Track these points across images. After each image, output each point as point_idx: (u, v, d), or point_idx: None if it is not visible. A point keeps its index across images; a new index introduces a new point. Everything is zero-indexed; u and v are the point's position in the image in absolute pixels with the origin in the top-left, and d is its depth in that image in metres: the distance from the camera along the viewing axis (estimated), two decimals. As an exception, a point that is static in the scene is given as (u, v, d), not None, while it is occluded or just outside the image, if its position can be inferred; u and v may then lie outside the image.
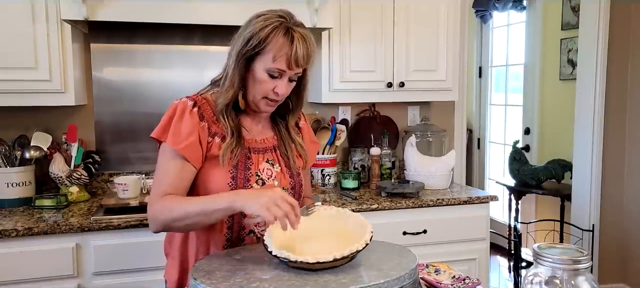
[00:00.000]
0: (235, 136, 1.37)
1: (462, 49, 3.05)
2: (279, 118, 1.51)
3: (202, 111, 1.38)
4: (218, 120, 1.39)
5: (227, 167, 1.36)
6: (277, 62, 1.31)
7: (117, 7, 2.16)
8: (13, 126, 2.48)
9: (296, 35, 1.31)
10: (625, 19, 3.35)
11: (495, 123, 5.12)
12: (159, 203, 1.32)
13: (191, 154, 1.34)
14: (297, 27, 1.33)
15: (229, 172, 1.36)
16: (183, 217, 1.29)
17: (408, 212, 2.43)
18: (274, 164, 1.45)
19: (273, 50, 1.31)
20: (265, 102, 1.38)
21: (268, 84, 1.34)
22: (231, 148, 1.35)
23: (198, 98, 1.40)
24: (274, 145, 1.48)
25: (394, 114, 3.08)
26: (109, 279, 2.08)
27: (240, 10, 2.29)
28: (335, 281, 1.07)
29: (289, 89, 1.39)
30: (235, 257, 1.27)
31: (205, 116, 1.38)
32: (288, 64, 1.32)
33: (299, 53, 1.31)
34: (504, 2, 4.50)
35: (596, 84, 3.37)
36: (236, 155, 1.36)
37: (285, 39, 1.31)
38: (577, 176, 3.57)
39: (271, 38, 1.30)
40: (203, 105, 1.39)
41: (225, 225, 1.39)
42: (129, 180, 2.25)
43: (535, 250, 1.13)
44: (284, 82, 1.35)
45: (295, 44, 1.30)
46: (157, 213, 1.32)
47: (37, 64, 2.20)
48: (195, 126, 1.35)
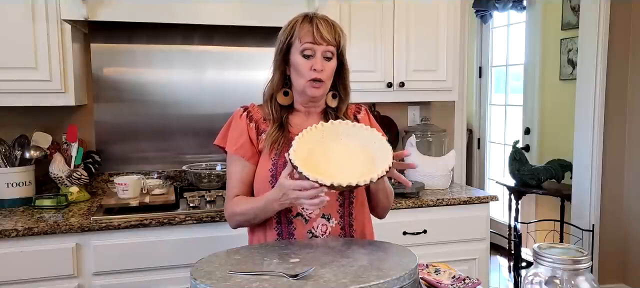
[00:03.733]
0: (277, 125, 1.50)
1: (462, 49, 3.05)
2: (330, 113, 1.57)
3: (251, 114, 1.55)
4: (266, 119, 1.53)
5: (270, 155, 1.48)
6: (304, 41, 1.45)
7: (117, 7, 2.16)
8: (13, 126, 2.48)
9: (317, 18, 1.47)
10: (625, 19, 3.35)
11: (495, 123, 5.12)
12: (229, 204, 1.53)
13: (245, 153, 1.51)
14: (319, 16, 1.49)
15: (270, 160, 1.48)
16: (245, 212, 1.49)
17: (408, 212, 2.43)
18: None
19: (299, 34, 1.46)
20: (310, 84, 1.47)
21: (305, 65, 1.46)
22: (273, 137, 1.48)
23: (250, 105, 1.58)
24: None
25: (394, 114, 3.08)
26: (109, 279, 2.08)
27: (240, 10, 2.30)
28: (335, 281, 1.07)
29: (328, 67, 1.47)
30: (235, 257, 1.27)
31: (254, 118, 1.54)
32: (314, 40, 1.44)
33: (321, 29, 1.44)
34: (504, 2, 4.50)
35: (596, 84, 3.37)
36: (279, 144, 1.47)
37: (307, 23, 1.46)
38: (577, 176, 3.57)
39: (296, 27, 1.47)
40: (253, 110, 1.56)
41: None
42: (129, 180, 2.25)
43: (535, 250, 1.13)
44: (318, 59, 1.45)
45: (315, 22, 1.45)
46: (229, 214, 1.54)
47: (37, 64, 2.20)
48: (244, 128, 1.53)
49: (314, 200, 1.29)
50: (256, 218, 1.49)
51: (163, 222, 2.10)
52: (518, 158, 3.92)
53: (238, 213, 1.51)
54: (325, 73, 1.47)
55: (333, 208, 1.49)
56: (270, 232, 1.51)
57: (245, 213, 1.49)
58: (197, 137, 2.73)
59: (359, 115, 1.64)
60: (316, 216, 1.48)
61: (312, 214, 1.48)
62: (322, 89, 1.49)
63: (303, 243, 1.41)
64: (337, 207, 1.50)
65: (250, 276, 1.11)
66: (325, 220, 1.49)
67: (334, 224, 1.49)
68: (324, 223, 1.49)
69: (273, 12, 2.24)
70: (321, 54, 1.46)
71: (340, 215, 1.50)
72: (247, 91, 2.64)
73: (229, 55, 2.73)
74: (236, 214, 1.51)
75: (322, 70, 1.45)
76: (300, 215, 1.48)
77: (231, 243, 1.53)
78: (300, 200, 1.32)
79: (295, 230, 1.48)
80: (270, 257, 1.26)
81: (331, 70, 1.49)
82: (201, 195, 2.36)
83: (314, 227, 1.48)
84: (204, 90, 2.71)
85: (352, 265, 1.17)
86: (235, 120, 1.55)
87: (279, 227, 1.49)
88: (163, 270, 2.12)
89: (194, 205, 2.22)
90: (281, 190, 1.35)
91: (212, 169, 2.64)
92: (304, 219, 1.48)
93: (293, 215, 1.48)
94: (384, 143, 1.37)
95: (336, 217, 1.50)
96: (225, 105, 2.69)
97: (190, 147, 2.73)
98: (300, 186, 1.29)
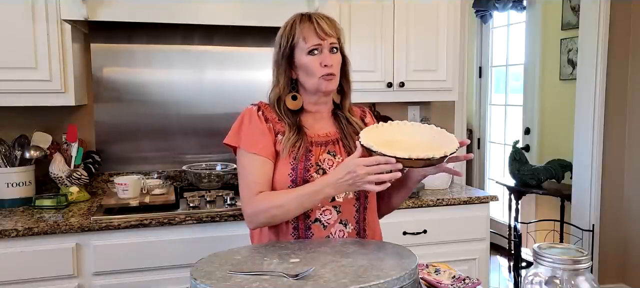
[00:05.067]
0: (295, 130, 1.49)
1: (462, 49, 3.05)
2: (340, 114, 1.58)
3: (266, 114, 1.52)
4: (280, 119, 1.51)
5: (288, 159, 1.46)
6: (309, 39, 1.45)
7: (117, 7, 2.16)
8: (13, 126, 2.48)
9: (314, 15, 1.48)
10: (625, 19, 3.35)
11: (495, 123, 5.12)
12: (256, 200, 1.45)
13: (268, 152, 1.48)
14: (315, 14, 1.50)
15: (289, 164, 1.46)
16: (282, 204, 1.42)
17: (408, 212, 2.43)
18: (335, 155, 1.51)
19: (301, 34, 1.46)
20: (323, 80, 1.47)
21: (315, 61, 1.46)
22: (291, 141, 1.47)
23: (261, 103, 1.55)
24: (337, 138, 1.54)
25: (394, 114, 3.07)
26: (109, 279, 2.08)
27: (240, 10, 2.30)
28: (335, 281, 1.07)
29: (336, 60, 1.48)
30: (235, 257, 1.27)
31: (268, 118, 1.51)
32: (318, 35, 1.45)
33: (322, 24, 1.45)
34: (504, 2, 4.50)
35: (596, 84, 3.37)
36: (298, 148, 1.46)
37: (306, 22, 1.47)
38: (577, 176, 3.57)
39: (296, 28, 1.47)
40: (265, 109, 1.54)
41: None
42: (129, 180, 2.25)
43: (535, 250, 1.13)
44: (326, 53, 1.46)
45: (314, 18, 1.47)
46: (256, 210, 1.45)
47: (37, 64, 2.20)
48: (263, 126, 1.50)
49: (385, 176, 1.28)
50: (297, 210, 1.43)
51: (163, 222, 2.10)
52: (518, 159, 3.92)
53: (276, 205, 1.42)
54: (335, 66, 1.48)
55: (350, 214, 1.50)
56: (287, 237, 1.49)
57: (284, 205, 1.41)
58: (197, 137, 2.73)
59: (366, 119, 1.65)
60: (334, 222, 1.48)
61: (330, 220, 1.47)
62: (335, 82, 1.50)
63: (303, 243, 1.41)
64: (354, 212, 1.51)
65: (250, 276, 1.11)
66: (342, 225, 1.49)
67: (350, 230, 1.50)
68: (341, 229, 1.49)
69: (273, 12, 2.24)
70: (327, 48, 1.47)
71: (356, 221, 1.51)
72: (247, 91, 2.65)
73: (229, 55, 2.73)
74: (272, 207, 1.42)
75: (332, 64, 1.47)
76: (318, 221, 1.47)
77: (231, 243, 1.54)
78: (368, 177, 1.29)
79: (313, 236, 1.47)
80: (270, 257, 1.26)
81: (338, 63, 1.50)
82: (201, 195, 2.35)
83: (332, 232, 1.48)
84: (204, 90, 2.71)
85: (352, 265, 1.17)
86: (254, 120, 1.51)
87: (296, 232, 1.48)
88: (163, 270, 2.12)
89: (194, 205, 2.22)
90: (346, 168, 1.32)
91: (212, 169, 2.64)
92: (323, 225, 1.48)
93: (311, 221, 1.47)
94: (445, 132, 1.40)
95: (353, 223, 1.50)
96: (225, 105, 2.69)
97: (190, 147, 2.73)
98: (374, 161, 1.28)
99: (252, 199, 1.46)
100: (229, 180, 2.59)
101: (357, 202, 1.51)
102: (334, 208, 1.48)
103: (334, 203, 1.48)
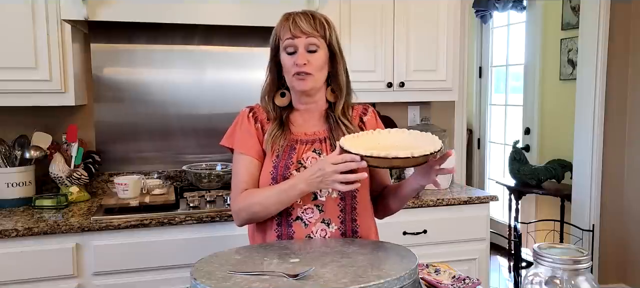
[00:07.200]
0: (277, 124, 1.52)
1: (462, 49, 3.05)
2: (331, 114, 1.57)
3: (257, 115, 1.56)
4: (269, 120, 1.54)
5: (272, 157, 1.49)
6: (284, 36, 1.47)
7: (117, 7, 2.16)
8: (13, 126, 2.48)
9: (295, 14, 1.48)
10: (625, 19, 3.35)
11: (495, 123, 5.12)
12: (240, 198, 1.49)
13: (254, 152, 1.52)
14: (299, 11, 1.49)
15: (272, 162, 1.49)
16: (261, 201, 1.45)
17: (408, 212, 2.43)
18: (321, 153, 1.50)
19: (280, 33, 1.49)
20: (295, 78, 1.48)
21: (289, 60, 1.47)
22: (273, 135, 1.49)
23: (255, 105, 1.59)
24: (325, 137, 1.54)
25: (394, 114, 3.07)
26: (109, 279, 2.08)
27: (240, 10, 2.30)
28: (335, 281, 1.07)
29: (313, 59, 1.46)
30: (235, 257, 1.27)
31: (259, 118, 1.55)
32: (292, 33, 1.45)
33: (299, 23, 1.45)
34: (504, 2, 4.50)
35: (596, 84, 3.37)
36: (280, 144, 1.49)
37: (285, 20, 1.49)
38: (577, 176, 3.57)
39: (278, 27, 1.50)
40: (258, 110, 1.57)
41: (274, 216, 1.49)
42: (129, 180, 2.25)
43: (535, 250, 1.13)
44: (300, 52, 1.46)
45: (293, 18, 1.47)
46: (240, 207, 1.48)
47: (37, 64, 2.20)
48: (251, 127, 1.54)
49: (351, 176, 1.29)
50: (276, 206, 1.44)
51: (163, 222, 2.10)
52: (518, 159, 3.92)
53: (255, 202, 1.45)
54: (311, 65, 1.46)
55: (333, 213, 1.48)
56: (271, 233, 1.50)
57: (262, 202, 1.44)
58: (197, 137, 2.73)
59: (366, 117, 1.64)
60: (315, 221, 1.47)
61: (312, 219, 1.47)
62: (309, 82, 1.47)
63: (303, 243, 1.41)
64: (338, 212, 1.49)
65: (250, 276, 1.11)
66: (325, 225, 1.48)
67: (334, 229, 1.48)
68: (324, 228, 1.48)
69: (273, 12, 2.20)
70: (304, 47, 1.45)
71: (340, 221, 1.49)
72: (247, 91, 2.64)
73: (229, 55, 2.73)
74: (253, 204, 1.45)
75: (305, 63, 1.45)
76: (299, 219, 1.47)
77: (231, 243, 1.53)
78: (335, 176, 1.30)
79: (294, 234, 1.47)
80: (270, 257, 1.26)
81: (318, 62, 1.47)
82: (201, 195, 2.35)
83: (314, 231, 1.47)
84: (204, 90, 2.71)
85: (352, 265, 1.17)
86: (244, 121, 1.55)
87: (279, 229, 1.49)
88: (163, 270, 2.12)
89: (194, 205, 2.22)
90: (317, 165, 1.35)
91: (212, 169, 2.64)
92: (304, 223, 1.47)
93: (293, 219, 1.47)
94: (429, 135, 1.42)
95: (337, 223, 1.48)
96: (225, 105, 2.69)
97: (190, 147, 2.73)
98: (341, 159, 1.29)
99: (236, 197, 1.50)
100: (229, 180, 2.58)
101: (342, 202, 1.49)
102: (316, 207, 1.47)
103: (316, 202, 1.47)
